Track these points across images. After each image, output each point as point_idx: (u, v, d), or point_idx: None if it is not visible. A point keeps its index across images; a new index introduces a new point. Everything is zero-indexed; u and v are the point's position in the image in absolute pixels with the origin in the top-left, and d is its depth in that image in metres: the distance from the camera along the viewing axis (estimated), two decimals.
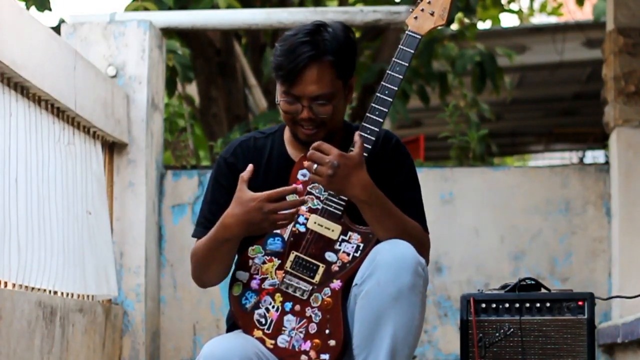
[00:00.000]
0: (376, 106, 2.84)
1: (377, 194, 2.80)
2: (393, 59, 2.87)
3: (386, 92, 2.85)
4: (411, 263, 2.72)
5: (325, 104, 2.83)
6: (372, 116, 2.84)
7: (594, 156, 11.65)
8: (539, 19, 11.96)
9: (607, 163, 5.41)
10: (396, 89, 2.85)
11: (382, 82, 2.86)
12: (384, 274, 2.71)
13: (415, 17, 2.91)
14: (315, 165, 2.75)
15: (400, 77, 2.86)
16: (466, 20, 8.11)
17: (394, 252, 2.74)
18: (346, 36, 2.88)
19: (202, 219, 2.95)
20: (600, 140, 9.19)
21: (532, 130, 13.14)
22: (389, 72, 2.86)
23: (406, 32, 2.90)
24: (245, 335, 2.83)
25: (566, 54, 9.09)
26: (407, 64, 2.86)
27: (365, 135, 2.83)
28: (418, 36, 2.88)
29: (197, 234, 2.94)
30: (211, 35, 7.25)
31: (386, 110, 2.84)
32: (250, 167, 2.82)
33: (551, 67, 9.76)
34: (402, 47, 2.88)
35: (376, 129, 2.83)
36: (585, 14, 11.36)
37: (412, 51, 2.87)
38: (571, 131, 12.47)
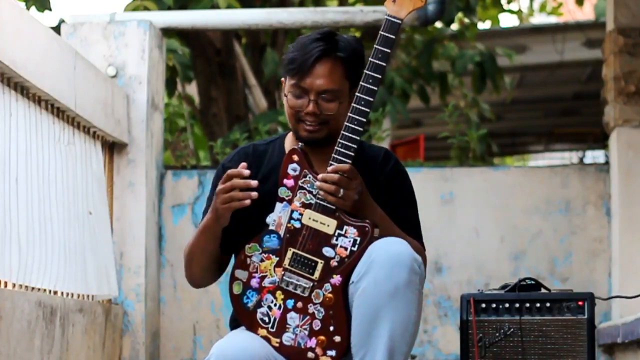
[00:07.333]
0: (362, 95, 2.81)
1: (383, 215, 2.84)
2: (374, 45, 2.80)
3: (370, 80, 2.81)
4: (407, 260, 2.73)
5: (331, 101, 2.85)
6: (358, 106, 2.80)
7: (594, 156, 11.64)
8: (538, 19, 11.96)
9: (607, 163, 5.40)
10: (380, 77, 2.80)
11: (365, 71, 2.81)
12: (380, 272, 2.71)
13: (394, 0, 2.82)
14: (342, 190, 2.76)
15: (384, 64, 2.81)
16: (466, 20, 8.11)
17: (389, 249, 2.74)
18: (357, 44, 2.91)
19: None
20: (600, 140, 9.20)
21: (532, 130, 13.16)
22: (372, 59, 2.81)
23: (385, 16, 2.83)
24: (254, 335, 2.82)
25: (566, 54, 9.10)
26: (389, 50, 2.81)
27: (352, 126, 2.80)
28: (398, 20, 2.82)
29: None
30: (211, 35, 7.25)
31: (372, 99, 2.80)
32: (242, 164, 2.81)
33: (551, 67, 9.77)
34: (382, 32, 2.82)
35: (363, 119, 2.80)
36: (585, 14, 11.36)
37: (393, 36, 2.80)
38: (571, 131, 12.48)
